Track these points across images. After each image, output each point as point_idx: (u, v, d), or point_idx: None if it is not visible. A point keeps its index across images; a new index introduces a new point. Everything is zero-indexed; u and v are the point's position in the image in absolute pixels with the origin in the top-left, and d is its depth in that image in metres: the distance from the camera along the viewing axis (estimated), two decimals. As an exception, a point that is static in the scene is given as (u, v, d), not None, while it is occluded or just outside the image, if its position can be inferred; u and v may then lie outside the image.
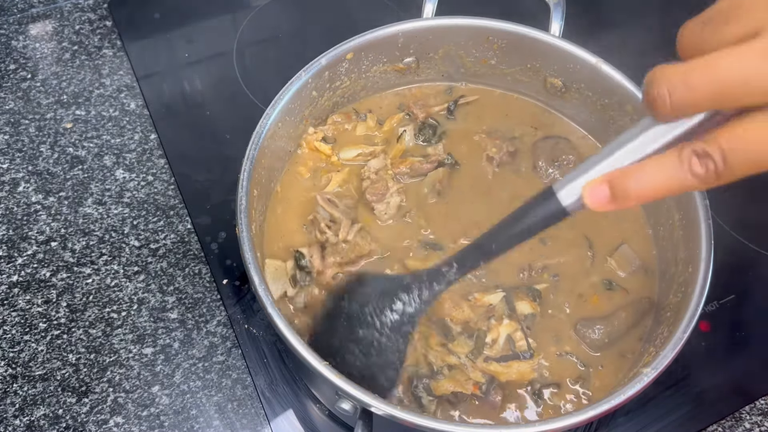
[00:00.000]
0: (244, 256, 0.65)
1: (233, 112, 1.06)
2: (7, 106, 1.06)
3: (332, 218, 0.78)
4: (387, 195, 0.80)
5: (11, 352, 0.82)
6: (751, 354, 0.83)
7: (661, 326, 0.69)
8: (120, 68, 1.12)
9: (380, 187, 0.80)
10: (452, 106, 0.90)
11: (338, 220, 0.78)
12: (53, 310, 0.85)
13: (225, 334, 0.84)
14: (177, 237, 0.92)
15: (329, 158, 0.85)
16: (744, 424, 0.79)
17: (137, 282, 0.88)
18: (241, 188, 0.70)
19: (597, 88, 0.83)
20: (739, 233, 0.92)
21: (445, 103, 0.91)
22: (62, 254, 0.90)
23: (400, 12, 1.20)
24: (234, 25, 1.19)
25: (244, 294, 0.86)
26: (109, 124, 1.04)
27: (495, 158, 0.85)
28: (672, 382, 0.80)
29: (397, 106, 0.91)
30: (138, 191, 0.96)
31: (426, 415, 0.59)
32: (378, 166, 0.83)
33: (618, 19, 1.13)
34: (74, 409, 0.78)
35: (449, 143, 0.87)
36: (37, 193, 0.96)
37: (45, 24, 1.19)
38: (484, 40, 0.87)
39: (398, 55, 0.88)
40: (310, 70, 0.80)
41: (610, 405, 0.58)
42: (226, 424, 0.77)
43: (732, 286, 0.88)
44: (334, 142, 0.86)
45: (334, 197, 0.80)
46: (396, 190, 0.80)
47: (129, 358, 0.81)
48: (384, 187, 0.80)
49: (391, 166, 0.83)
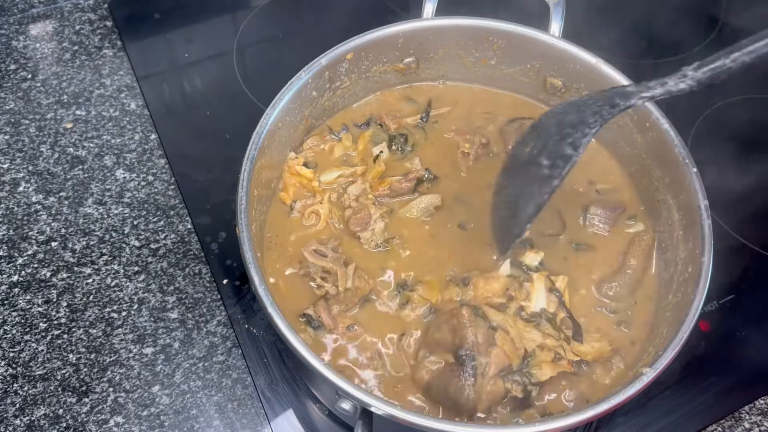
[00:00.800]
0: (244, 256, 0.65)
1: (233, 112, 1.06)
2: (8, 106, 1.06)
3: (324, 269, 0.75)
4: (371, 222, 0.78)
5: (11, 352, 0.82)
6: (751, 354, 0.83)
7: (661, 326, 0.69)
8: (120, 68, 1.12)
9: (363, 216, 0.78)
10: (425, 117, 0.90)
11: (332, 270, 0.75)
12: (53, 310, 0.85)
13: (225, 334, 0.84)
14: (177, 237, 0.92)
15: (311, 182, 0.82)
16: (743, 424, 0.79)
17: (137, 282, 0.88)
18: (241, 188, 0.70)
19: (597, 88, 0.83)
20: (739, 233, 0.92)
21: (417, 114, 0.90)
22: (62, 254, 0.90)
23: (400, 12, 1.20)
24: (234, 25, 1.19)
25: (244, 294, 0.86)
26: (110, 124, 1.04)
27: (470, 153, 0.85)
28: (672, 382, 0.80)
29: (368, 117, 0.90)
30: (138, 191, 0.96)
31: (426, 415, 0.59)
32: (357, 192, 0.81)
33: (618, 19, 1.13)
34: (74, 408, 0.78)
35: (423, 150, 0.87)
36: (37, 193, 0.96)
37: (45, 24, 1.19)
38: (484, 40, 0.87)
39: (398, 55, 0.88)
40: (310, 70, 0.80)
41: (609, 405, 0.58)
42: (226, 424, 0.77)
43: (732, 286, 0.88)
44: (316, 166, 0.85)
45: (320, 246, 0.77)
46: (379, 216, 0.79)
47: (129, 357, 0.81)
48: (367, 215, 0.79)
49: (371, 189, 0.82)
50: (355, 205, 0.80)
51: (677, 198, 0.74)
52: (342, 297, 0.73)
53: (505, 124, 0.88)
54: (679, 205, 0.74)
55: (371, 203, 0.80)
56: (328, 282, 0.74)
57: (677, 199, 0.74)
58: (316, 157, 0.86)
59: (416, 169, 0.84)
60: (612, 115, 0.62)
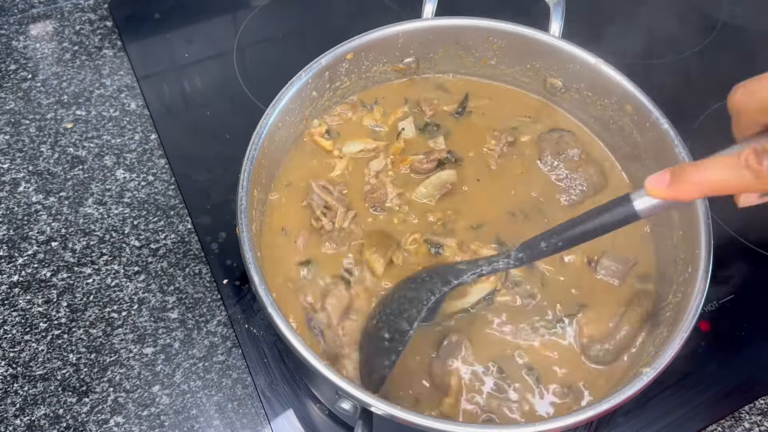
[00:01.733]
0: (244, 256, 0.65)
1: (233, 112, 1.06)
2: (8, 106, 1.06)
3: (327, 205, 0.78)
4: (386, 201, 0.80)
5: (12, 352, 0.82)
6: (751, 354, 0.83)
7: (661, 326, 0.69)
8: (120, 68, 1.12)
9: (380, 195, 0.80)
10: (460, 110, 0.90)
11: (333, 207, 0.78)
12: (54, 310, 0.85)
13: (225, 334, 0.84)
14: (177, 237, 0.92)
15: (330, 153, 0.84)
16: (743, 424, 0.79)
17: (138, 282, 0.88)
18: (241, 188, 0.70)
19: (597, 88, 0.83)
20: (739, 233, 0.92)
21: (455, 103, 0.90)
22: (63, 254, 0.90)
23: (400, 12, 1.20)
24: (234, 25, 1.19)
25: (244, 294, 0.86)
26: (110, 124, 1.04)
27: (495, 150, 0.85)
28: (672, 382, 0.80)
29: (404, 99, 0.90)
30: (138, 191, 0.96)
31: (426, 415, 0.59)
32: (378, 168, 0.83)
33: (618, 19, 1.13)
34: (75, 408, 0.78)
35: (451, 141, 0.87)
36: (37, 193, 0.96)
37: (45, 24, 1.19)
38: (484, 40, 0.87)
39: (398, 56, 0.88)
40: (310, 70, 0.80)
41: (609, 405, 0.58)
42: (226, 424, 0.78)
43: (732, 286, 0.88)
44: (338, 136, 0.86)
45: (328, 184, 0.80)
46: (396, 195, 0.80)
47: (129, 357, 0.81)
48: (384, 195, 0.80)
49: (392, 166, 0.83)
50: (374, 182, 0.81)
51: (677, 198, 0.74)
52: (335, 235, 0.76)
53: (545, 132, 0.87)
54: (679, 205, 0.74)
55: (390, 181, 0.81)
56: (326, 218, 0.76)
57: (677, 199, 0.74)
58: (341, 126, 0.87)
59: (439, 149, 0.84)
60: (443, 293, 0.66)
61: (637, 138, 0.80)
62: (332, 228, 0.77)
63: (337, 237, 0.76)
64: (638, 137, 0.80)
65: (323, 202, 0.78)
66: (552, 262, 0.76)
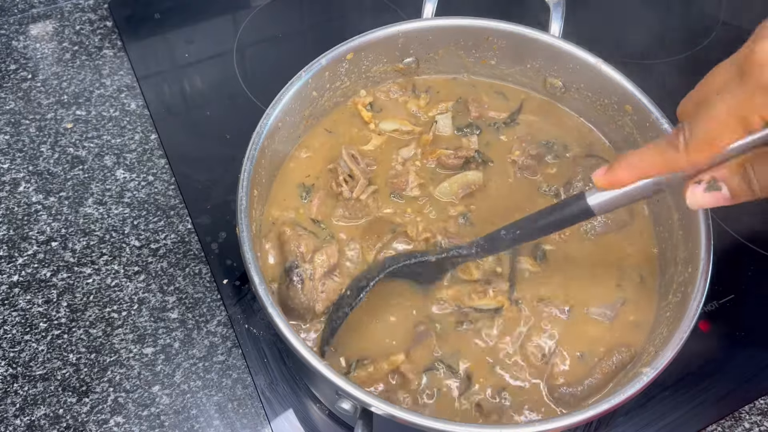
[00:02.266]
0: (244, 256, 0.65)
1: (233, 112, 1.06)
2: (8, 106, 1.06)
3: (351, 173, 0.80)
4: (407, 189, 0.81)
5: (12, 352, 0.82)
6: (751, 354, 0.83)
7: (661, 326, 0.69)
8: (120, 68, 1.12)
9: (402, 182, 0.81)
10: (508, 120, 0.88)
11: (356, 177, 0.80)
12: (54, 310, 0.85)
13: (225, 334, 0.84)
14: (177, 237, 0.92)
15: (367, 125, 0.86)
16: (743, 424, 0.79)
17: (137, 282, 0.88)
18: (241, 188, 0.70)
19: (597, 88, 0.83)
20: (739, 233, 0.92)
21: (507, 111, 0.89)
22: (63, 254, 0.90)
23: (400, 12, 1.20)
24: (234, 25, 1.19)
25: (244, 294, 0.86)
26: (110, 125, 1.04)
27: (518, 161, 0.84)
28: (672, 382, 0.80)
29: (458, 96, 0.90)
30: (138, 191, 0.96)
31: (426, 415, 0.59)
32: (407, 156, 0.84)
33: (618, 19, 1.13)
34: (75, 408, 0.78)
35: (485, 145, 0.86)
36: (37, 193, 0.96)
37: (45, 24, 1.19)
38: (484, 40, 0.87)
39: (398, 56, 0.88)
40: (310, 70, 0.80)
41: (609, 405, 0.58)
42: (226, 424, 0.78)
43: (732, 286, 0.88)
44: (380, 111, 0.88)
45: (357, 154, 0.82)
46: (417, 185, 0.81)
47: (129, 357, 0.81)
48: (405, 182, 0.81)
49: (422, 156, 0.84)
50: (399, 168, 0.83)
51: (677, 198, 0.74)
52: (351, 205, 0.79)
53: (582, 158, 0.84)
54: (678, 205, 0.74)
55: (414, 171, 0.82)
56: (347, 185, 0.79)
57: (677, 199, 0.74)
58: (385, 103, 0.89)
59: (468, 147, 0.84)
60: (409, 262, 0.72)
61: (637, 138, 0.81)
62: (350, 197, 0.79)
63: (352, 207, 0.78)
64: (638, 137, 0.80)
65: (348, 170, 0.80)
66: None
